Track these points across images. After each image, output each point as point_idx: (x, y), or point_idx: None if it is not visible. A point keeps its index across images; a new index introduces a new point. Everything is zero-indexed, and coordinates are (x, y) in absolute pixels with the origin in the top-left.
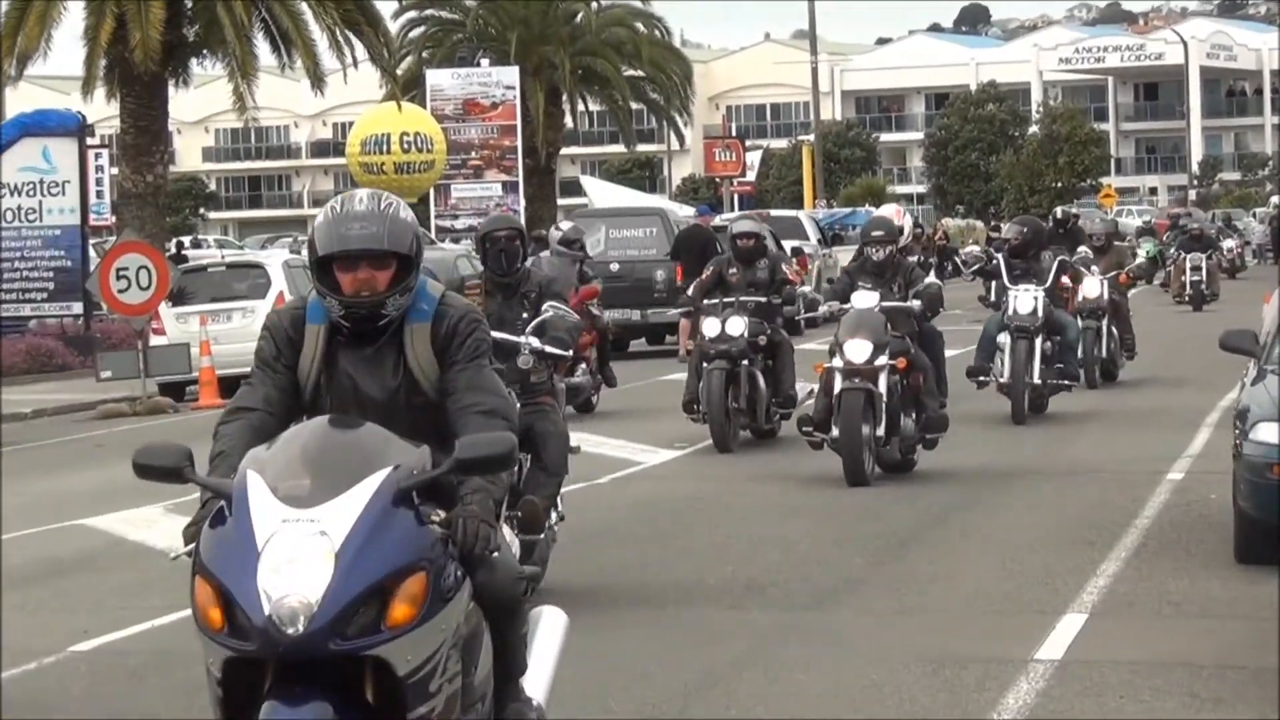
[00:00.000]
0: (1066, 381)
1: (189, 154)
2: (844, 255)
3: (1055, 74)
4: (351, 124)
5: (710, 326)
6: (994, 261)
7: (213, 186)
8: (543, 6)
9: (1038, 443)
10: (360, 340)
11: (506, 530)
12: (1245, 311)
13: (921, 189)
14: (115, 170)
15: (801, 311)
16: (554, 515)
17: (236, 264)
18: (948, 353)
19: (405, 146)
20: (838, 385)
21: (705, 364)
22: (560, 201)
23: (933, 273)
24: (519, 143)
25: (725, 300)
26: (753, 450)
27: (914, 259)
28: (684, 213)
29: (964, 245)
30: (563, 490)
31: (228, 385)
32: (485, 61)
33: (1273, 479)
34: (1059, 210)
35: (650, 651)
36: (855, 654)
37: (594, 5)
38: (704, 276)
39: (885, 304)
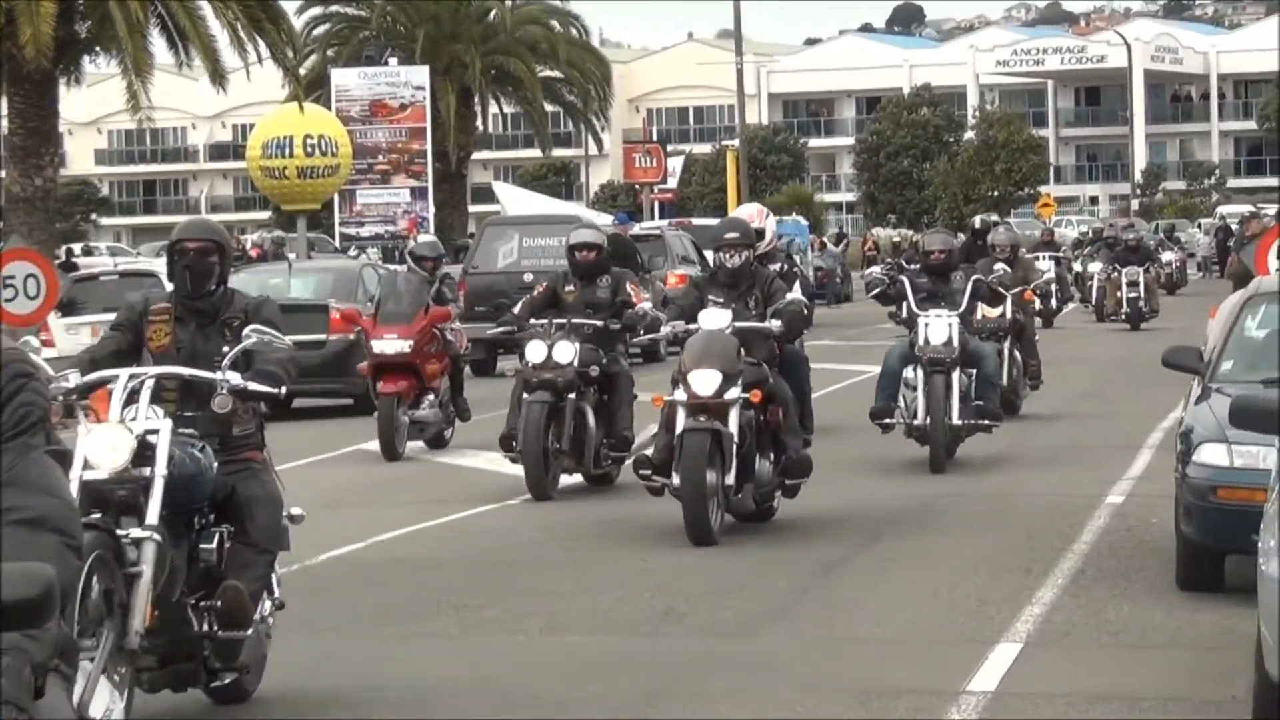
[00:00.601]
0: (987, 422)
1: (80, 156)
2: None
3: (992, 77)
4: (252, 126)
5: (535, 351)
6: (897, 283)
7: (105, 191)
8: (453, 3)
9: (967, 466)
10: None
11: (104, 689)
12: (1186, 330)
13: (851, 197)
14: (2, 173)
15: (640, 334)
16: (268, 603)
17: (130, 272)
18: (869, 372)
19: (309, 150)
20: (680, 423)
21: (526, 395)
22: (472, 208)
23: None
24: (429, 146)
25: (556, 321)
26: None
27: (775, 267)
28: (601, 221)
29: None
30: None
31: None
32: (393, 61)
33: (1217, 503)
34: (978, 219)
35: (565, 682)
36: (780, 684)
37: (507, 2)
38: (534, 293)
39: (739, 324)
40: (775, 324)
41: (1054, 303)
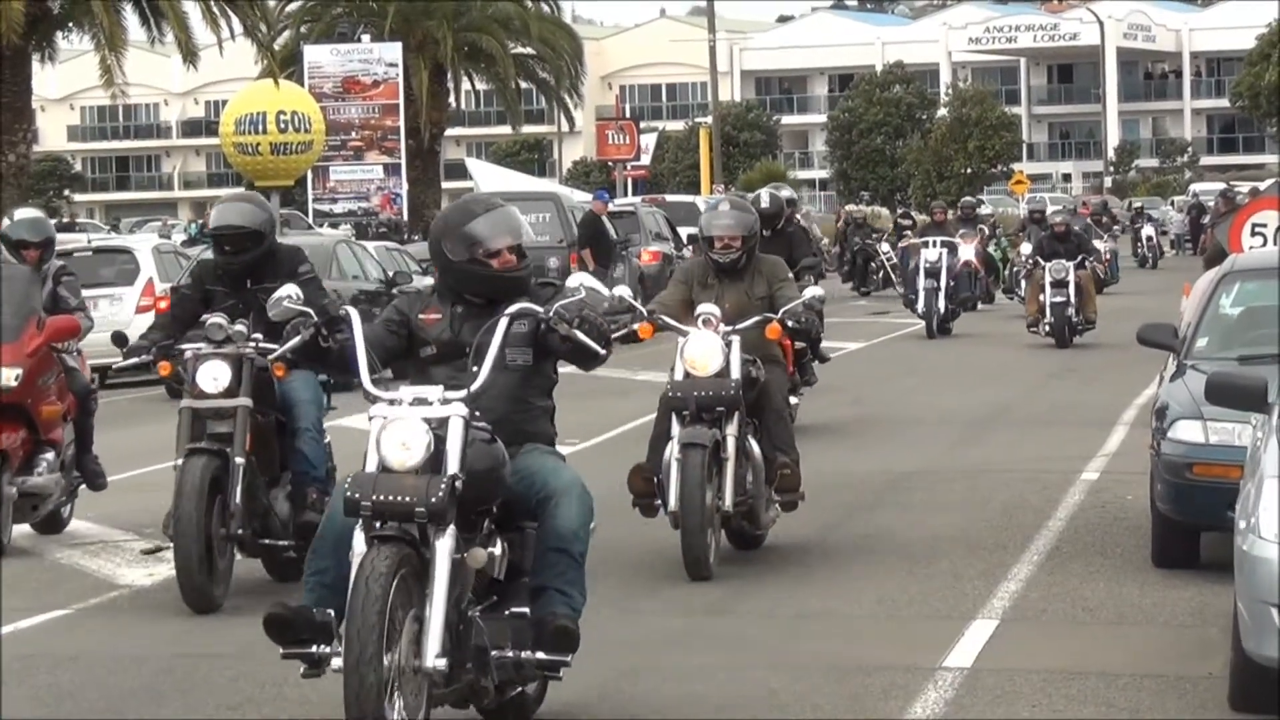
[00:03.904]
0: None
1: (53, 133)
2: None
3: (965, 54)
4: (225, 102)
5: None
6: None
7: (78, 167)
8: None
9: (942, 441)
10: None
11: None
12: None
13: (824, 174)
14: None
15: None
16: None
17: (104, 249)
18: (846, 347)
19: (282, 126)
20: None
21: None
22: (445, 185)
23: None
24: (401, 123)
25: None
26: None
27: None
28: (577, 198)
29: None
30: None
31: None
32: (366, 37)
33: (1192, 479)
34: (764, 193)
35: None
36: (755, 661)
37: None
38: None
39: None
40: None
41: (939, 304)
